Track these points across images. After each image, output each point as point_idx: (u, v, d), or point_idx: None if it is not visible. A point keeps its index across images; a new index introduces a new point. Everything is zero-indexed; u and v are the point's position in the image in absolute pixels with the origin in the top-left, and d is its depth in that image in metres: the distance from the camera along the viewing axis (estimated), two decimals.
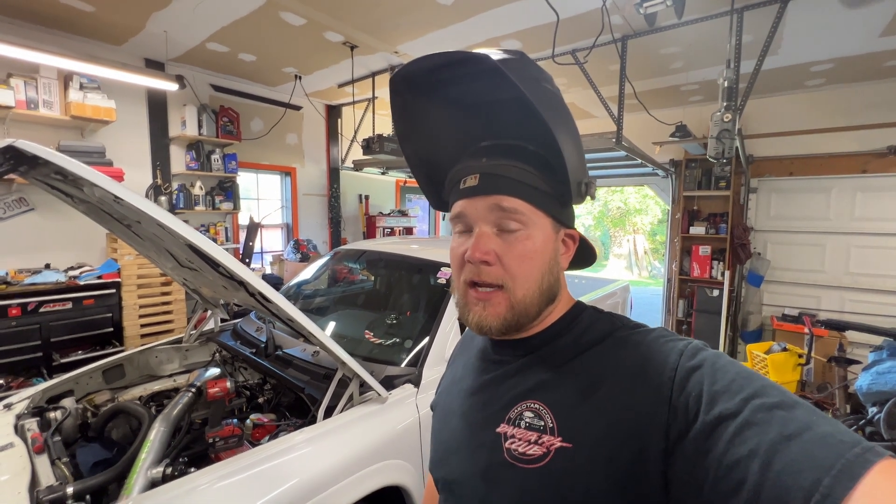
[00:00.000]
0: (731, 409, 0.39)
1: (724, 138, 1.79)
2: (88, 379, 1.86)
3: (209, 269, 1.33)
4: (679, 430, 0.41)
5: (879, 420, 2.26)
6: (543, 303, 0.55)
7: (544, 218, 0.54)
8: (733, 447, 0.37)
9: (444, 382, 0.73)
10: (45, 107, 2.80)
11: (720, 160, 1.90)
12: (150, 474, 1.24)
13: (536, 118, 0.50)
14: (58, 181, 1.28)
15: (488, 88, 0.57)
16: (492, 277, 0.53)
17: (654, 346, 0.48)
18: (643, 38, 2.83)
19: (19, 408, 1.56)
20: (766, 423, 0.37)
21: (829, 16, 2.59)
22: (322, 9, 2.65)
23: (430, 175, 0.68)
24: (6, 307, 2.48)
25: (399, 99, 0.61)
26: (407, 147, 0.67)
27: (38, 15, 2.73)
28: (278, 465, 1.23)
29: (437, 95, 0.61)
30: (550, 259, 0.55)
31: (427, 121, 0.64)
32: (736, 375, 0.42)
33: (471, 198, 0.55)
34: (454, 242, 0.58)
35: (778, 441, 0.36)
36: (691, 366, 0.44)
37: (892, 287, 3.87)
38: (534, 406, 0.51)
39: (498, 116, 0.61)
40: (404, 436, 1.49)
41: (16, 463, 1.25)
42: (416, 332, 1.84)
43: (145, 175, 3.53)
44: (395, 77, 0.58)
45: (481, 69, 0.53)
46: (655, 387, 0.45)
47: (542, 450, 0.48)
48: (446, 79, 0.58)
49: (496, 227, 0.54)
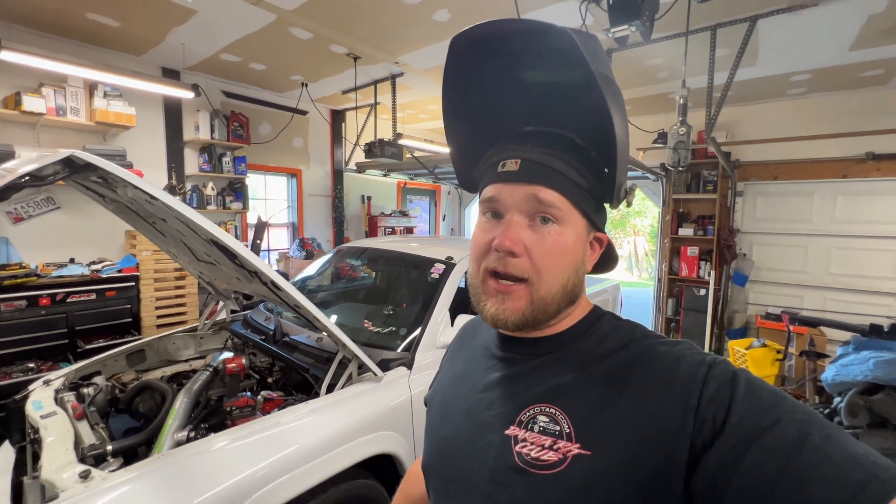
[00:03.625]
0: (761, 424, 0.39)
1: (680, 149, 1.98)
2: (114, 362, 2.06)
3: (226, 261, 1.53)
4: (704, 441, 0.41)
5: (842, 409, 2.43)
6: (564, 303, 0.53)
7: (579, 217, 0.52)
8: (760, 460, 0.37)
9: (442, 376, 0.70)
10: (72, 113, 3.02)
11: (677, 168, 2.08)
12: (176, 437, 1.44)
13: (594, 109, 0.48)
14: (95, 184, 1.48)
15: (552, 68, 0.52)
16: (517, 270, 0.50)
17: (680, 357, 0.47)
18: (628, 51, 3.02)
19: (57, 384, 1.75)
20: (796, 439, 0.37)
21: (799, 33, 2.76)
22: (328, 24, 2.86)
23: (464, 149, 0.64)
24: (37, 297, 2.70)
25: (456, 60, 0.56)
26: (452, 111, 0.62)
27: (68, 29, 2.97)
28: (285, 431, 1.42)
29: (497, 66, 0.55)
30: (578, 259, 0.53)
31: (476, 90, 0.59)
32: (765, 392, 0.42)
33: (508, 183, 0.52)
34: (479, 228, 0.55)
35: (809, 456, 0.36)
36: (719, 378, 0.44)
37: (870, 287, 4.02)
38: (548, 410, 0.49)
39: (548, 101, 0.56)
40: (397, 411, 1.68)
41: (61, 426, 1.43)
42: (411, 322, 2.02)
43: (161, 176, 3.75)
44: (458, 37, 0.53)
45: (555, 46, 0.48)
46: (682, 397, 0.44)
47: (557, 456, 0.47)
48: (513, 50, 0.53)
49: (528, 218, 0.51)
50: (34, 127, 3.01)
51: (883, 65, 3.28)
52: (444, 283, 2.09)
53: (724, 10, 2.49)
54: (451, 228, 7.46)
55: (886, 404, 2.30)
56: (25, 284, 2.69)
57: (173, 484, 1.18)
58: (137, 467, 1.20)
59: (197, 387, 1.67)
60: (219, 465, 1.26)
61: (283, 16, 2.72)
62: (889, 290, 3.96)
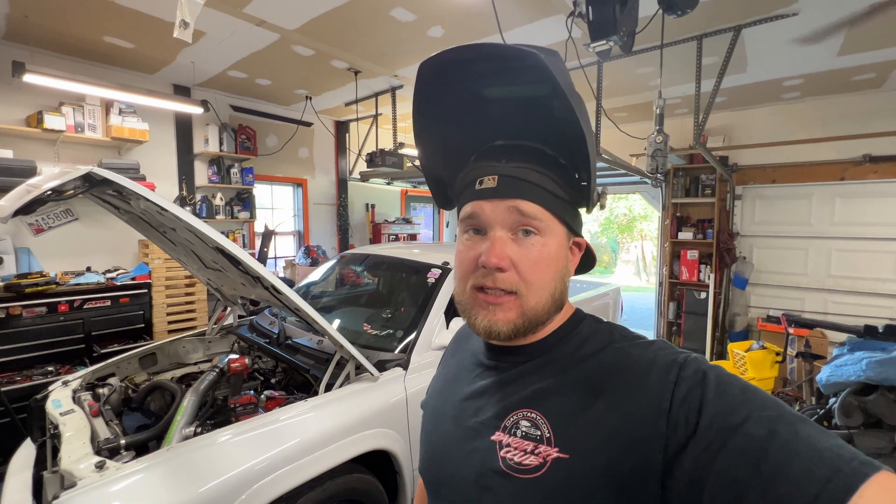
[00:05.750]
0: (731, 423, 0.39)
1: (658, 156, 2.05)
2: (127, 364, 2.17)
3: (232, 268, 1.64)
4: (678, 443, 0.41)
5: (836, 409, 2.44)
6: (553, 310, 0.54)
7: (559, 225, 0.54)
8: (732, 461, 0.38)
9: (435, 382, 0.72)
10: (89, 130, 3.20)
11: (656, 175, 2.15)
12: (184, 432, 1.53)
13: (559, 118, 0.50)
14: (111, 196, 1.59)
15: (519, 85, 0.53)
16: (505, 284, 0.51)
17: (653, 359, 0.48)
18: (619, 60, 3.10)
19: (74, 384, 1.86)
20: (765, 437, 0.38)
21: (785, 40, 2.83)
22: (328, 42, 3.00)
23: (438, 171, 0.66)
24: (56, 304, 2.85)
25: (424, 86, 0.57)
26: (423, 135, 0.63)
27: (86, 52, 3.15)
28: (285, 426, 1.51)
29: (463, 88, 0.56)
30: (562, 267, 0.55)
31: (445, 113, 0.60)
32: (735, 389, 0.42)
33: (488, 199, 0.53)
34: (462, 246, 0.56)
35: (776, 455, 0.36)
36: (690, 378, 0.44)
37: (871, 289, 4.01)
38: (530, 415, 0.50)
39: (514, 115, 0.57)
40: (393, 409, 1.76)
41: (78, 422, 1.53)
42: (407, 325, 2.10)
43: (172, 188, 3.92)
44: (426, 64, 0.54)
45: (521, 66, 0.49)
46: (654, 399, 0.44)
47: (538, 460, 0.48)
48: (479, 71, 0.54)
49: (511, 232, 0.52)
50: (55, 143, 3.19)
51: (874, 69, 3.32)
52: (439, 287, 2.17)
53: (708, 20, 2.57)
54: (455, 235, 7.53)
55: (880, 404, 2.32)
56: (45, 292, 2.84)
57: (180, 473, 1.28)
58: (148, 459, 1.29)
59: (204, 386, 1.77)
60: (223, 458, 1.35)
61: (285, 35, 2.87)
62: (890, 292, 3.94)
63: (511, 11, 2.51)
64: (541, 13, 2.55)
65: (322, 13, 2.59)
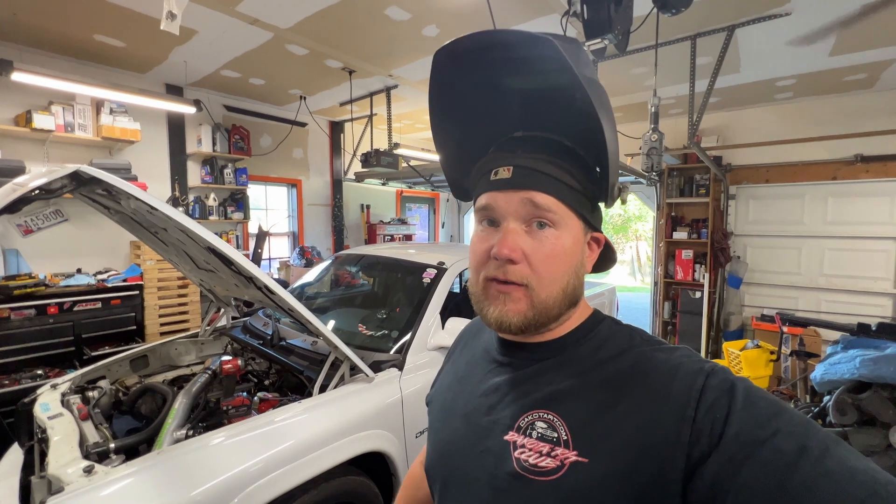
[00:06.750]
0: (758, 437, 0.38)
1: (653, 154, 2.05)
2: (118, 367, 2.13)
3: (224, 268, 1.61)
4: (701, 452, 0.40)
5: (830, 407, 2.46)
6: (565, 305, 0.53)
7: (575, 219, 0.53)
8: (758, 475, 0.37)
9: (443, 378, 0.71)
10: (80, 129, 3.15)
11: (651, 173, 2.15)
12: (175, 435, 1.51)
13: (580, 111, 0.48)
14: (100, 196, 1.57)
15: (536, 75, 0.52)
16: (516, 276, 0.50)
17: (678, 365, 0.47)
18: (614, 60, 3.11)
19: (63, 387, 1.82)
20: (795, 453, 0.36)
21: (777, 40, 2.85)
22: (322, 41, 2.98)
23: (456, 161, 0.65)
24: (45, 306, 2.80)
25: (439, 75, 0.57)
26: (439, 126, 0.62)
27: (76, 50, 3.11)
28: (278, 429, 1.49)
29: (480, 77, 0.56)
30: (577, 262, 0.53)
31: (462, 102, 0.59)
32: (764, 402, 0.41)
33: (502, 191, 0.52)
34: (476, 237, 0.55)
35: (806, 472, 0.35)
36: (718, 388, 0.43)
37: (864, 287, 4.05)
38: (546, 416, 0.49)
39: (534, 106, 0.56)
40: (388, 411, 1.74)
41: (67, 426, 1.50)
42: (402, 325, 2.09)
43: (165, 188, 3.87)
44: (441, 52, 0.54)
45: (538, 54, 0.49)
46: (679, 406, 0.43)
47: (555, 463, 0.47)
48: (497, 59, 0.53)
49: (525, 224, 0.52)
50: (44, 143, 3.14)
51: (864, 69, 3.36)
52: (434, 287, 2.16)
53: (702, 20, 2.58)
54: (451, 235, 7.54)
55: (874, 402, 2.33)
56: (34, 294, 2.79)
57: (172, 477, 1.25)
58: (138, 462, 1.27)
59: (196, 388, 1.74)
60: (215, 460, 1.33)
61: (279, 34, 2.84)
62: (882, 291, 3.98)
63: (506, 10, 2.51)
64: (535, 12, 2.55)
65: (316, 12, 2.57)
